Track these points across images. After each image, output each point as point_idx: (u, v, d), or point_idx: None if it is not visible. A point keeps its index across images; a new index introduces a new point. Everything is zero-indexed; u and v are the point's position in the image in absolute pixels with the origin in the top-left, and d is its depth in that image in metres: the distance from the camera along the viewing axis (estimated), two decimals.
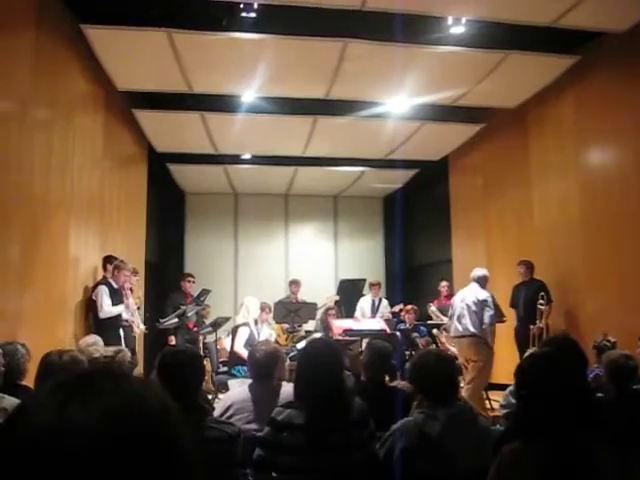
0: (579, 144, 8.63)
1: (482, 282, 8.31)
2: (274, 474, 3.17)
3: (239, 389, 4.38)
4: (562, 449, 2.04)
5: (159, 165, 12.35)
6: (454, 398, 3.28)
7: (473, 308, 8.03)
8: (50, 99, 6.85)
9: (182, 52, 7.71)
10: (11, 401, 3.34)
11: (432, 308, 10.48)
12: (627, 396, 3.82)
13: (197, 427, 2.98)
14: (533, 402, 2.14)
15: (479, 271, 8.41)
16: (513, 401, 4.34)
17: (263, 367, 4.20)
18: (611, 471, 2.03)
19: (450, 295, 10.55)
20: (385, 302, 11.35)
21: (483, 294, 8.13)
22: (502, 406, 4.63)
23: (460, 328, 8.08)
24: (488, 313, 7.98)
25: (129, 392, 0.85)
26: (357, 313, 11.03)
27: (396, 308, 10.97)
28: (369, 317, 10.69)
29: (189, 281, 10.72)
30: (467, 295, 8.25)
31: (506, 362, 8.10)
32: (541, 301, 8.78)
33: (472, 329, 7.97)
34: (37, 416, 0.79)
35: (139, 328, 8.43)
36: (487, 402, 8.41)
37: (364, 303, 11.23)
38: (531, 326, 8.75)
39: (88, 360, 4.01)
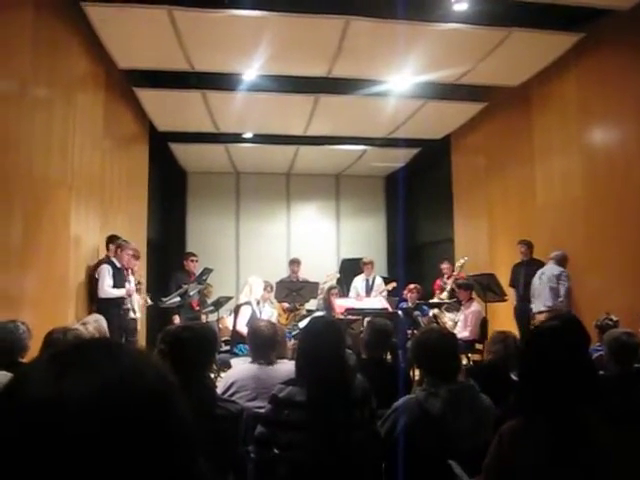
0: (582, 123, 8.59)
1: (561, 261, 8.54)
2: (276, 451, 3.19)
3: (241, 367, 4.39)
4: (563, 426, 2.05)
5: (160, 144, 12.31)
6: (456, 375, 3.29)
7: (550, 284, 8.36)
8: (50, 78, 6.80)
9: (183, 30, 7.66)
10: (9, 377, 3.34)
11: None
12: (629, 374, 3.83)
13: (206, 405, 3.00)
14: (536, 377, 2.14)
15: (557, 251, 8.61)
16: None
17: (264, 345, 4.21)
18: (611, 448, 2.04)
19: (451, 275, 10.58)
20: (379, 280, 11.33)
21: (558, 269, 8.42)
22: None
23: (540, 306, 8.41)
24: (563, 286, 8.31)
25: (126, 364, 0.84)
26: (351, 293, 11.04)
27: (389, 286, 10.96)
28: (364, 296, 10.69)
29: (192, 260, 10.73)
30: (545, 273, 8.53)
31: None
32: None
33: (549, 303, 8.30)
34: (32, 388, 0.78)
35: (135, 313, 8.39)
36: None
37: (358, 282, 11.22)
38: (532, 306, 8.80)
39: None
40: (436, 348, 3.29)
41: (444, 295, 10.25)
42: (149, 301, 9.05)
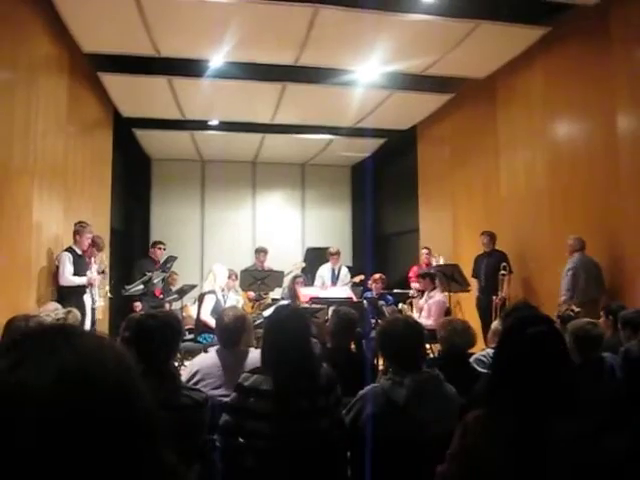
0: (547, 115, 8.68)
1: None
2: (241, 439, 3.18)
3: (205, 355, 4.37)
4: (529, 417, 2.06)
5: (125, 130, 12.16)
6: (421, 365, 3.30)
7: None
8: (11, 61, 6.65)
9: (149, 14, 7.55)
10: None
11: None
12: (592, 364, 3.89)
13: (170, 393, 2.98)
14: (509, 377, 2.14)
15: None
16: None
17: (231, 332, 4.20)
18: (574, 442, 2.05)
19: (429, 263, 10.63)
20: (345, 270, 11.35)
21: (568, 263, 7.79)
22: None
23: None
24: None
25: (85, 350, 0.81)
26: (316, 282, 11.04)
27: (356, 278, 10.98)
28: (329, 286, 10.71)
29: (160, 248, 10.66)
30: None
31: None
32: (503, 272, 8.93)
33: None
34: None
35: (95, 305, 8.29)
36: None
37: (324, 272, 11.23)
38: (494, 297, 8.90)
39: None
40: (401, 337, 3.30)
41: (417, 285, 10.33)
42: (109, 294, 8.92)
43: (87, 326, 7.57)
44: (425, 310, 8.85)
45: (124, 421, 0.79)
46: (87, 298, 7.90)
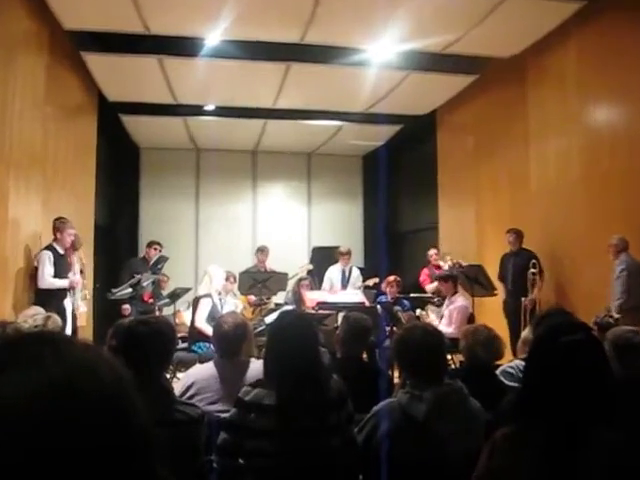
0: (582, 98, 8.62)
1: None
2: (241, 460, 3.18)
3: (201, 366, 4.38)
4: (564, 436, 2.05)
5: (111, 116, 12.18)
6: (442, 377, 3.29)
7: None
8: None
9: None
10: None
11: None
12: (635, 375, 3.85)
13: (163, 408, 2.98)
14: (542, 390, 2.13)
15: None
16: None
17: (230, 341, 4.21)
18: (611, 458, 2.04)
19: (438, 266, 10.65)
20: (357, 272, 11.36)
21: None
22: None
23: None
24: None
25: (75, 360, 0.80)
26: (324, 285, 11.06)
27: (369, 281, 10.97)
28: (339, 289, 10.71)
29: (155, 249, 10.73)
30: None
31: None
32: (533, 270, 8.92)
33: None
34: None
35: (78, 311, 8.30)
36: None
37: (333, 273, 11.24)
38: (523, 298, 8.89)
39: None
40: (420, 346, 3.29)
41: (431, 286, 10.32)
42: (88, 296, 8.93)
43: (68, 334, 7.57)
44: (446, 317, 8.83)
45: (118, 441, 0.78)
46: (68, 303, 7.91)
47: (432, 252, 11.18)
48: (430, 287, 10.62)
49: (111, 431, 0.77)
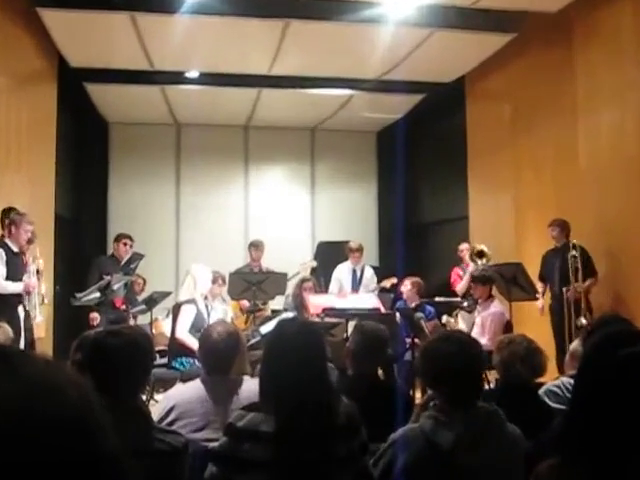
0: None
1: None
2: None
3: (184, 386, 4.39)
4: (619, 469, 2.05)
5: (74, 85, 12.17)
6: (475, 399, 3.29)
7: None
8: None
9: None
10: None
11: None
12: None
13: (139, 436, 2.98)
14: (595, 414, 2.12)
15: None
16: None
17: (220, 355, 4.21)
18: None
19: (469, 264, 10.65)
20: (370, 272, 11.36)
21: None
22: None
23: None
24: None
25: (29, 379, 0.80)
26: (332, 287, 11.08)
27: (386, 283, 10.96)
28: (349, 292, 10.70)
29: (125, 244, 10.67)
30: None
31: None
32: (576, 264, 8.88)
33: None
34: None
35: (35, 320, 8.31)
36: None
37: (341, 273, 11.25)
38: (564, 288, 8.87)
39: None
40: (454, 361, 3.27)
41: (461, 285, 10.32)
42: (46, 301, 8.95)
43: (21, 347, 7.58)
44: (478, 325, 8.83)
45: (85, 473, 0.78)
46: (22, 311, 7.92)
47: (463, 247, 11.14)
48: (459, 287, 10.63)
49: (75, 464, 0.78)
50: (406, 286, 10.09)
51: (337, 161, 15.67)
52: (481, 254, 10.33)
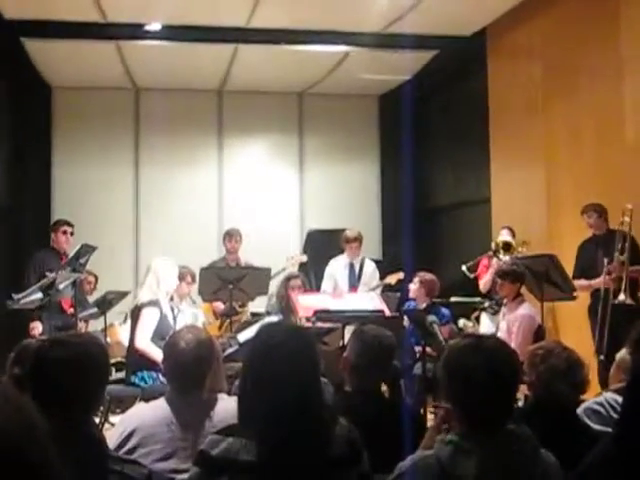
0: None
1: None
2: None
3: (146, 406, 4.38)
4: None
5: (9, 41, 12.13)
6: (504, 421, 3.26)
7: None
8: None
9: None
10: None
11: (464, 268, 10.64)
12: None
13: (92, 467, 2.97)
14: None
15: None
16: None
17: (189, 368, 4.20)
18: None
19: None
20: (371, 266, 11.38)
21: None
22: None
23: None
24: None
25: None
26: (324, 285, 11.14)
27: (390, 279, 10.98)
28: (345, 291, 10.71)
29: (65, 232, 10.62)
30: None
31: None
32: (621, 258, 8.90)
33: None
34: None
35: None
36: None
37: (336, 268, 11.31)
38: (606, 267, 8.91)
39: None
40: (484, 376, 3.24)
41: (484, 281, 10.33)
42: None
43: None
44: (503, 331, 8.83)
45: None
46: None
47: (504, 233, 11.02)
48: (482, 283, 10.62)
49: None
50: (415, 283, 10.09)
51: (330, 132, 15.67)
52: (507, 247, 10.33)
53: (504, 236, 10.80)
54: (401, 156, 14.37)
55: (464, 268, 10.80)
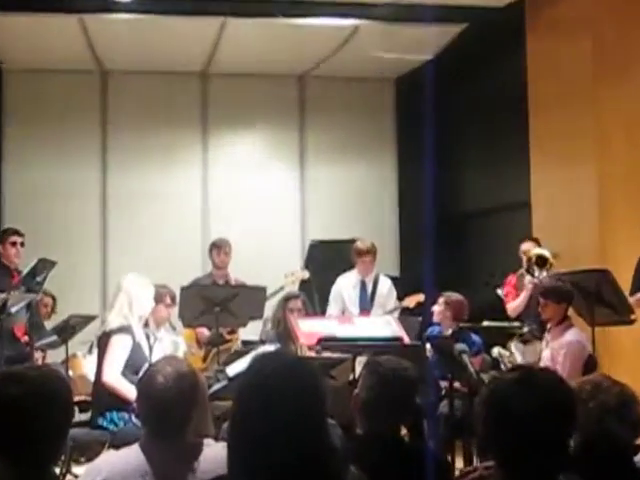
0: None
1: None
2: None
3: (117, 454, 4.37)
4: None
5: None
6: (558, 471, 3.25)
7: None
8: None
9: None
10: None
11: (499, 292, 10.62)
12: None
13: None
14: None
15: None
16: None
17: (169, 408, 4.20)
18: None
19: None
20: (387, 284, 11.40)
21: None
22: None
23: None
24: None
25: None
26: (330, 308, 11.21)
27: (410, 301, 10.99)
28: (356, 314, 10.72)
29: (14, 243, 10.62)
30: None
31: None
32: None
33: None
34: None
35: None
36: None
37: (345, 287, 11.36)
38: None
39: None
40: (539, 417, 3.23)
41: (515, 304, 10.30)
42: None
43: None
44: (546, 360, 8.83)
45: None
46: None
47: (527, 247, 11.07)
48: (512, 305, 10.61)
49: None
50: (440, 305, 10.09)
51: (337, 124, 15.67)
52: (542, 262, 10.31)
53: (537, 249, 10.80)
54: (423, 152, 14.29)
55: (499, 292, 10.80)
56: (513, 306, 10.60)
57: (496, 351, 9.27)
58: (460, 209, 14.99)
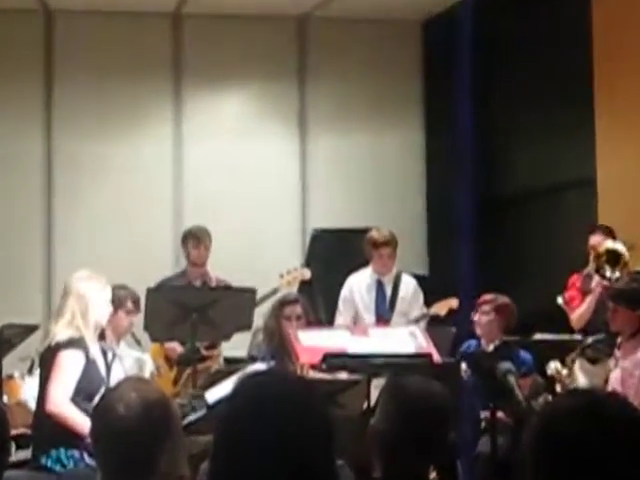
0: None
1: None
2: None
3: None
4: None
5: None
6: None
7: None
8: None
9: None
10: None
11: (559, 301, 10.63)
12: None
13: None
14: None
15: None
16: None
17: (131, 445, 4.20)
18: None
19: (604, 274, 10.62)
20: (411, 285, 11.42)
21: None
22: None
23: None
24: None
25: None
26: (339, 313, 11.23)
27: (440, 307, 11.01)
28: (372, 322, 10.74)
29: None
30: None
31: None
32: None
33: None
34: None
35: None
36: None
37: (357, 289, 11.41)
38: None
39: None
40: (609, 456, 3.22)
41: (580, 311, 10.30)
42: None
43: None
44: (615, 382, 8.85)
45: None
46: None
47: (596, 241, 11.04)
48: (576, 314, 10.60)
49: None
50: (484, 313, 10.07)
51: (347, 79, 15.66)
52: (615, 258, 10.29)
53: (609, 243, 10.72)
54: (457, 117, 14.26)
55: (560, 301, 10.79)
56: (577, 314, 10.54)
57: (552, 367, 9.25)
58: (505, 190, 14.98)
